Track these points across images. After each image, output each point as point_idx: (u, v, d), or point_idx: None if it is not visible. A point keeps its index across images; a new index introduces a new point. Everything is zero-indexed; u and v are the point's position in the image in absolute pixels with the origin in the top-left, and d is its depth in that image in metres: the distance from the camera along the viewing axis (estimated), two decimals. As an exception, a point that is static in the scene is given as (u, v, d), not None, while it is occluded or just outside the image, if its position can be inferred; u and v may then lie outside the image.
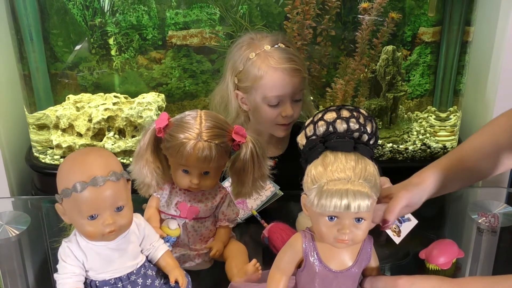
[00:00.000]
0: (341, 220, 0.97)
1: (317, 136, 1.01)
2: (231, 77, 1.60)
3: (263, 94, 1.55)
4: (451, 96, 2.14)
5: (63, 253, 1.09)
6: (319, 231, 1.00)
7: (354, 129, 1.00)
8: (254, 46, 1.57)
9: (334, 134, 1.00)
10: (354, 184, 0.95)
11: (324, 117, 1.02)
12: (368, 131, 1.01)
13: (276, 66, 1.53)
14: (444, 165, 1.19)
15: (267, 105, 1.56)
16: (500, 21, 1.97)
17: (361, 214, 0.97)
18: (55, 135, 2.04)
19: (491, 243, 1.47)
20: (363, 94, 2.08)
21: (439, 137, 2.13)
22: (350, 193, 0.94)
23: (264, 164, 1.26)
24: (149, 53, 2.10)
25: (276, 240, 1.34)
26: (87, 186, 1.00)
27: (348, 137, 1.00)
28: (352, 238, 0.99)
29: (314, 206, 0.96)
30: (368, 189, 0.96)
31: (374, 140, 1.03)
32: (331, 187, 0.95)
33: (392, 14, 1.94)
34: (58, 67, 2.11)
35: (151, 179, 1.23)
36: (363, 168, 0.97)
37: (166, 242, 1.22)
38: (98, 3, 2.01)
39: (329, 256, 1.04)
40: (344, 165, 0.96)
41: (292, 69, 1.54)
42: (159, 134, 1.21)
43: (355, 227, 0.98)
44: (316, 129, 1.02)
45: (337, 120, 1.01)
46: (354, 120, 1.01)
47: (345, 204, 0.94)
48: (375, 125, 1.03)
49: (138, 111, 2.00)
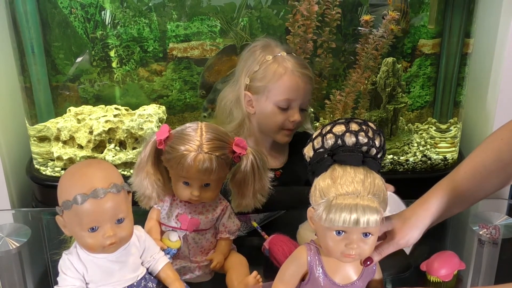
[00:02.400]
0: (349, 235, 0.97)
1: (325, 149, 1.01)
2: (243, 78, 1.62)
3: (276, 96, 1.57)
4: (452, 108, 2.14)
5: (64, 266, 1.08)
6: (326, 246, 1.00)
7: (363, 142, 1.00)
8: (270, 50, 1.61)
9: (342, 147, 1.00)
10: (364, 199, 0.94)
11: (332, 130, 1.01)
12: (377, 145, 1.01)
13: (294, 70, 1.57)
14: (448, 191, 1.16)
15: (277, 108, 1.58)
16: (499, 32, 1.98)
17: (369, 229, 0.97)
18: (56, 147, 2.05)
19: (493, 255, 1.47)
20: (364, 106, 2.08)
21: (439, 149, 2.13)
22: (360, 208, 0.93)
23: (264, 176, 1.26)
24: (150, 65, 2.11)
25: (277, 252, 1.34)
26: (88, 198, 1.00)
27: (357, 151, 0.99)
28: (359, 253, 0.99)
29: (322, 221, 0.96)
30: (377, 204, 0.95)
31: (382, 154, 1.03)
32: (340, 201, 0.94)
33: (392, 26, 1.95)
34: (59, 80, 2.11)
35: (152, 191, 1.23)
36: (372, 183, 0.96)
37: (167, 254, 1.21)
38: (99, 15, 2.02)
39: (334, 270, 1.04)
40: (353, 178, 0.96)
41: (307, 75, 1.58)
42: (160, 146, 1.21)
43: (362, 242, 0.98)
44: (324, 141, 1.01)
45: (346, 134, 1.00)
46: (363, 134, 1.00)
47: (354, 219, 0.93)
48: (383, 139, 1.02)
49: (139, 123, 2.00)
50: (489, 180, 1.16)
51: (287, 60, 1.58)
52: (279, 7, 2.04)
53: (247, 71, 1.61)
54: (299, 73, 1.57)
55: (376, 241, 1.02)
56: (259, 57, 1.60)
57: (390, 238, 1.13)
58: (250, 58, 1.62)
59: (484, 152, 1.18)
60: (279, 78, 1.57)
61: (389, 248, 1.12)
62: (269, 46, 1.62)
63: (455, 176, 1.18)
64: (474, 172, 1.16)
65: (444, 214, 1.16)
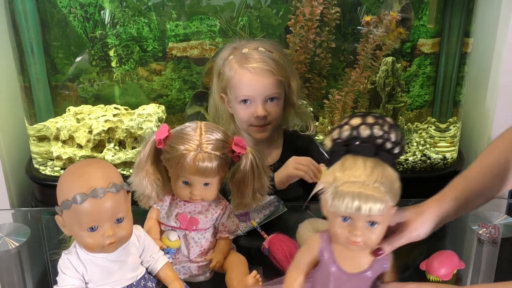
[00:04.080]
0: (354, 221, 0.99)
1: (341, 140, 1.03)
2: (216, 80, 1.63)
3: (235, 94, 1.58)
4: (451, 107, 2.14)
5: (63, 265, 1.09)
6: (333, 231, 1.02)
7: (377, 135, 1.02)
8: (236, 49, 1.61)
9: (357, 138, 1.02)
10: (368, 188, 0.96)
11: (349, 122, 1.04)
12: (392, 139, 1.03)
13: (244, 66, 1.55)
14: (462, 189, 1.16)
15: (239, 105, 1.58)
16: (499, 32, 1.98)
17: (374, 218, 0.98)
18: (56, 147, 2.05)
19: (492, 254, 1.47)
20: (363, 105, 2.08)
21: (439, 148, 2.13)
22: (363, 196, 0.95)
23: (264, 176, 1.26)
24: (150, 64, 2.11)
25: (277, 251, 1.34)
26: (87, 197, 1.00)
27: (371, 142, 1.01)
28: (365, 241, 1.00)
29: (328, 206, 0.98)
30: (383, 194, 0.97)
31: (399, 150, 1.04)
32: (345, 188, 0.96)
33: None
34: (58, 79, 2.11)
35: (151, 191, 1.23)
36: (380, 173, 0.98)
37: (166, 253, 1.22)
38: (98, 15, 2.02)
39: (345, 258, 1.06)
40: (362, 168, 0.98)
41: (261, 69, 1.54)
42: (159, 146, 1.21)
43: (368, 231, 1.00)
44: (341, 133, 1.04)
45: (361, 126, 1.02)
46: (378, 127, 1.02)
47: (357, 206, 0.95)
48: (400, 135, 1.04)
49: (138, 122, 2.00)
50: (502, 178, 1.17)
51: (243, 58, 1.56)
52: (278, 7, 2.04)
53: (217, 72, 1.63)
54: (251, 68, 1.54)
55: (385, 231, 1.03)
56: (225, 56, 1.61)
57: (402, 230, 1.13)
58: (219, 58, 1.64)
59: (497, 149, 1.18)
60: (233, 75, 1.56)
61: (401, 239, 1.12)
62: (237, 46, 1.62)
63: (468, 174, 1.19)
64: (487, 170, 1.17)
65: (459, 211, 1.16)
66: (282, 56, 1.63)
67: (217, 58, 1.65)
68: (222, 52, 1.64)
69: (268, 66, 1.55)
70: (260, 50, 1.58)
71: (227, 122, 1.65)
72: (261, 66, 1.55)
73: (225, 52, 1.62)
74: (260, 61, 1.55)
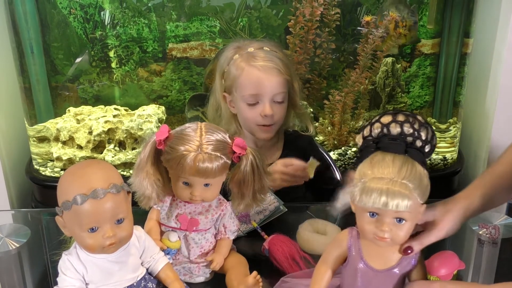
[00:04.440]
0: (382, 217, 1.00)
1: (372, 137, 1.05)
2: (219, 79, 1.63)
3: (241, 93, 1.57)
4: (451, 108, 2.14)
5: (63, 266, 1.08)
6: (361, 227, 1.03)
7: (407, 133, 1.03)
8: (240, 48, 1.60)
9: (387, 136, 1.03)
10: (395, 184, 0.97)
11: (380, 119, 1.05)
12: (423, 137, 1.03)
13: (252, 64, 1.55)
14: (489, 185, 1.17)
15: (246, 104, 1.57)
16: (498, 32, 1.98)
17: (401, 214, 0.99)
18: (56, 148, 2.05)
19: (492, 254, 1.47)
20: (363, 106, 2.08)
21: (439, 149, 2.13)
22: (390, 192, 0.96)
23: (264, 176, 1.26)
24: (150, 65, 2.11)
25: (277, 252, 1.34)
26: (88, 198, 1.00)
27: (401, 140, 1.02)
28: (392, 237, 1.01)
29: (356, 201, 0.99)
30: (410, 190, 0.97)
31: (430, 148, 1.05)
32: (373, 184, 0.98)
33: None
34: (58, 80, 2.11)
35: (152, 192, 1.23)
36: (409, 169, 0.99)
37: (167, 254, 1.21)
38: (98, 16, 2.02)
39: (372, 254, 1.07)
40: (390, 164, 0.99)
41: (268, 67, 1.54)
42: (160, 147, 1.21)
43: (395, 227, 1.00)
44: (372, 130, 1.05)
45: (392, 123, 1.03)
46: (408, 125, 1.03)
47: (384, 201, 0.96)
48: (431, 133, 1.05)
49: (138, 123, 2.00)
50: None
51: (250, 56, 1.56)
52: (278, 7, 2.04)
53: (220, 72, 1.63)
54: (259, 66, 1.54)
55: (414, 229, 1.04)
56: (229, 56, 1.60)
57: (431, 228, 1.13)
58: (222, 58, 1.63)
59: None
60: (241, 74, 1.56)
61: (430, 237, 1.12)
62: (241, 45, 1.61)
63: (495, 170, 1.20)
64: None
65: (485, 208, 1.17)
66: (285, 56, 1.63)
67: (220, 58, 1.65)
68: (225, 52, 1.64)
69: (275, 64, 1.55)
70: (265, 50, 1.59)
71: (228, 122, 1.64)
72: (269, 65, 1.55)
73: (229, 51, 1.62)
74: (267, 60, 1.55)
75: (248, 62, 1.56)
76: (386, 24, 1.92)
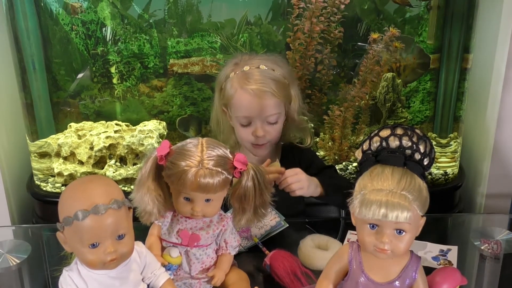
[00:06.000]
0: (382, 229, 1.01)
1: (372, 151, 1.07)
2: (218, 93, 1.64)
3: (235, 113, 1.58)
4: (451, 123, 2.14)
5: (64, 282, 1.08)
6: (362, 239, 1.04)
7: (406, 146, 1.05)
8: (238, 65, 1.60)
9: (386, 149, 1.05)
10: (395, 195, 0.98)
11: (379, 133, 1.08)
12: (421, 150, 1.05)
13: (244, 87, 1.54)
14: None
15: (239, 124, 1.58)
16: (498, 47, 1.99)
17: (401, 226, 1.00)
18: (57, 163, 2.05)
19: (494, 270, 1.46)
20: (364, 121, 2.08)
21: (439, 163, 2.13)
22: (390, 203, 0.97)
23: (265, 192, 1.26)
24: (151, 81, 2.12)
25: (278, 267, 1.33)
26: (89, 214, 1.00)
27: (400, 153, 1.04)
28: (392, 248, 1.01)
29: (356, 213, 1.01)
30: (410, 202, 0.98)
31: (429, 161, 1.06)
32: (372, 196, 0.99)
33: (395, 44, 1.96)
34: (60, 96, 2.12)
35: (153, 207, 1.23)
36: (408, 181, 1.00)
37: (168, 270, 1.21)
38: (100, 32, 2.03)
39: (373, 268, 1.07)
40: (389, 177, 1.01)
41: (260, 91, 1.53)
42: (161, 162, 1.21)
43: (396, 239, 1.01)
44: (371, 144, 1.08)
45: (391, 137, 1.06)
46: (407, 138, 1.05)
47: (383, 213, 0.97)
48: (429, 146, 1.07)
49: (139, 138, 2.01)
50: None
51: (243, 77, 1.55)
52: (279, 23, 2.05)
53: (219, 87, 1.63)
54: (250, 89, 1.53)
55: (413, 240, 1.04)
56: (227, 73, 1.60)
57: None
58: (221, 73, 1.64)
59: None
60: (234, 95, 1.56)
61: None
62: (240, 61, 1.61)
63: None
64: None
65: None
66: (285, 72, 1.62)
67: (220, 73, 1.65)
68: (224, 68, 1.65)
69: (267, 87, 1.53)
70: (261, 69, 1.57)
71: (228, 134, 1.65)
72: (260, 88, 1.53)
73: (228, 68, 1.62)
74: (260, 82, 1.54)
75: (240, 84, 1.55)
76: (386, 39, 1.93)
